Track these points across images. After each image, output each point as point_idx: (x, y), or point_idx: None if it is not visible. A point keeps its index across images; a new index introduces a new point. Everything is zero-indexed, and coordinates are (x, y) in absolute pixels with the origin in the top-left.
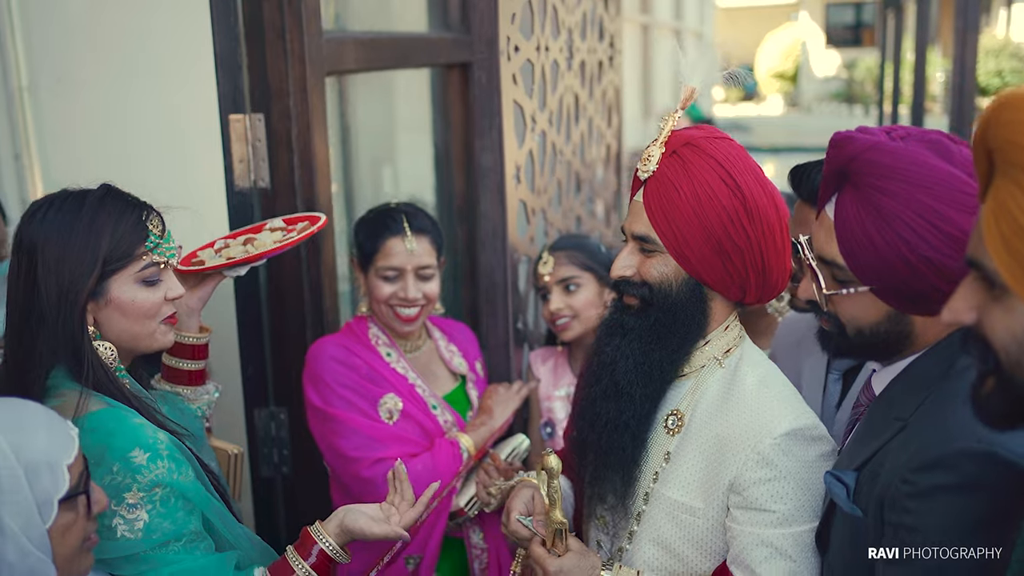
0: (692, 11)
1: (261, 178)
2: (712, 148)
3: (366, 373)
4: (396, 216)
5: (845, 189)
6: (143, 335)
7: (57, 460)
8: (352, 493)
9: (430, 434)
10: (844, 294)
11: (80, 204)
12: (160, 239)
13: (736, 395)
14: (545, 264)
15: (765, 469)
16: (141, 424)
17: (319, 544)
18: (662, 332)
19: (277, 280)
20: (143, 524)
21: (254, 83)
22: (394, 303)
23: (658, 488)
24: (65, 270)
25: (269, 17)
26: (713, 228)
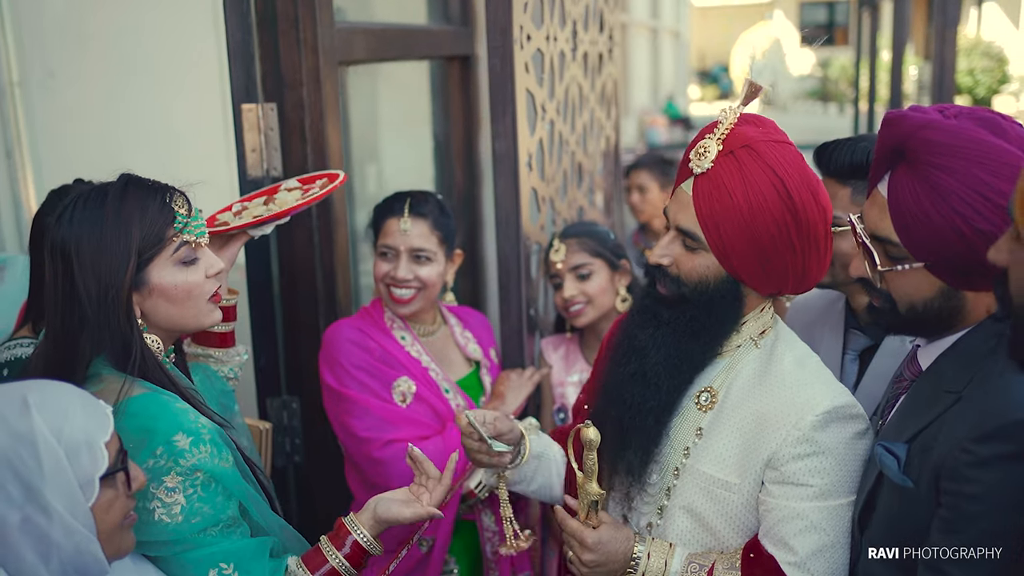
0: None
1: (273, 167)
2: (770, 154)
3: (380, 356)
4: (401, 198)
5: (899, 167)
6: (190, 316)
7: (95, 439)
8: (365, 474)
9: (442, 418)
10: (898, 270)
11: (103, 198)
12: (188, 218)
13: (774, 374)
14: (557, 252)
15: (805, 445)
16: (184, 409)
17: (353, 535)
18: (697, 328)
19: (290, 268)
20: (180, 508)
21: (267, 73)
22: (388, 282)
23: (690, 463)
24: (102, 266)
25: (282, 7)
26: (761, 237)
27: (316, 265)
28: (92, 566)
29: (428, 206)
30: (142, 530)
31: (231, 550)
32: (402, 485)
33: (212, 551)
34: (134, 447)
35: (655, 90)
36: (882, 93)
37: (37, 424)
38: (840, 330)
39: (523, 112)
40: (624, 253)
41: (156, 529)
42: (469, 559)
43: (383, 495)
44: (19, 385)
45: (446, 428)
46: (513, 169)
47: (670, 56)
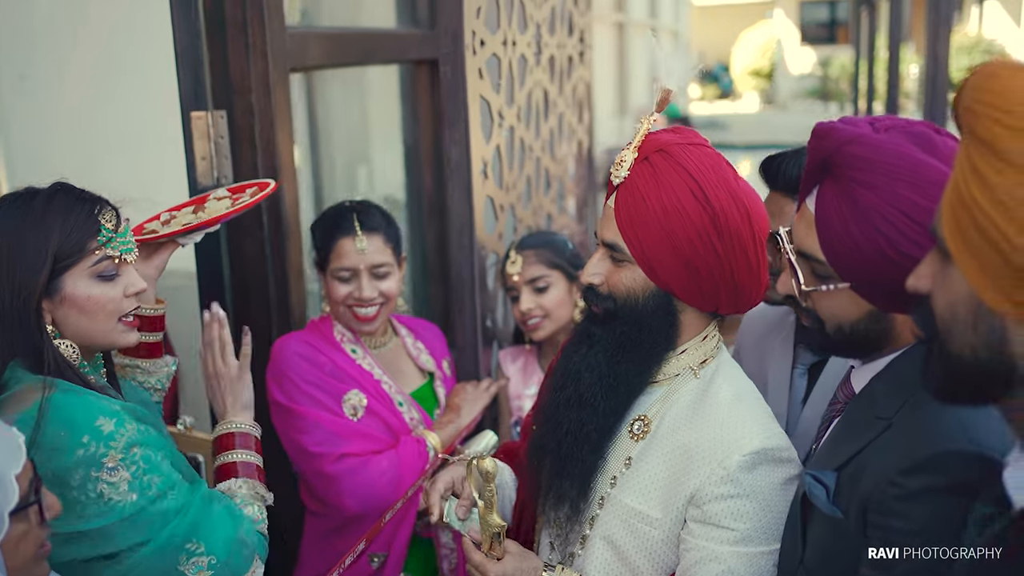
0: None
1: (224, 175)
2: (684, 157)
3: (330, 370)
4: (347, 215)
5: (826, 182)
6: (101, 333)
7: (4, 472)
8: (315, 490)
9: (395, 431)
10: (823, 290)
11: (29, 202)
12: (114, 233)
13: (708, 407)
14: (513, 264)
15: (728, 485)
16: (98, 399)
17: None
18: (628, 345)
19: (242, 278)
20: (128, 484)
21: (216, 79)
22: (351, 303)
23: (615, 493)
24: (16, 269)
25: (230, 12)
26: (680, 243)
27: (268, 275)
28: None
29: (375, 218)
30: (99, 516)
31: (185, 527)
32: (355, 500)
33: (171, 533)
34: (63, 438)
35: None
36: (881, 91)
37: None
38: (790, 344)
39: (476, 119)
40: (583, 263)
41: (113, 511)
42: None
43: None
44: None
45: (400, 442)
46: (466, 178)
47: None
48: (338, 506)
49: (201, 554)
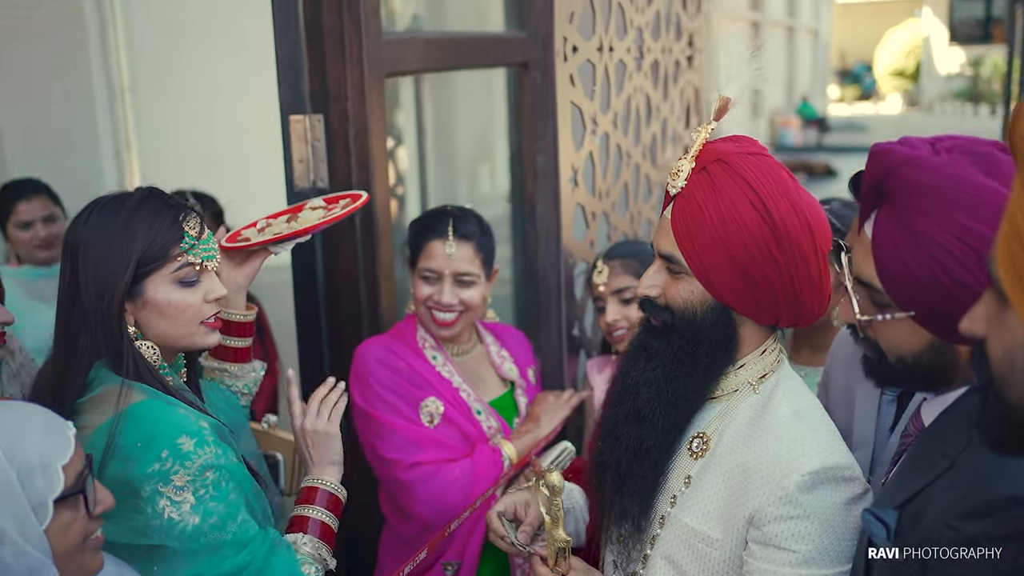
0: (807, 7)
1: (320, 178)
2: (743, 166)
3: (408, 375)
4: (444, 219)
5: (883, 206)
6: (181, 336)
7: (51, 461)
8: (391, 495)
9: (472, 440)
10: (882, 320)
11: (119, 206)
12: (197, 240)
13: (767, 424)
14: (600, 273)
15: (788, 507)
16: (184, 414)
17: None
18: (686, 359)
19: (333, 279)
20: (191, 507)
21: (314, 85)
22: (431, 305)
23: (675, 512)
24: (102, 271)
25: (328, 20)
26: (738, 254)
27: (359, 278)
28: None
29: (471, 227)
30: (159, 534)
31: (249, 570)
32: (427, 508)
33: (229, 569)
34: (140, 450)
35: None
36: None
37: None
38: None
39: (566, 126)
40: None
41: (173, 531)
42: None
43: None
44: None
45: (475, 451)
46: (553, 185)
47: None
48: (411, 513)
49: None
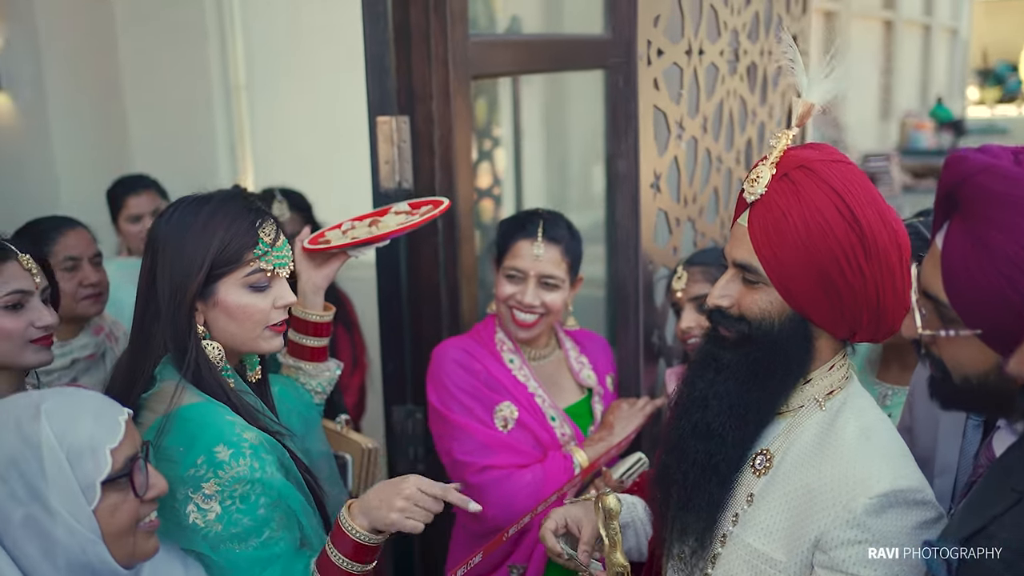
0: (945, 5)
1: (404, 179)
2: (829, 173)
3: (485, 379)
4: (534, 219)
5: (955, 217)
6: (247, 339)
7: (100, 445)
8: None
9: (545, 446)
10: (946, 336)
11: (200, 207)
12: (270, 247)
13: (833, 443)
14: (679, 279)
15: (855, 530)
16: (231, 422)
17: (350, 536)
18: (761, 371)
19: (416, 281)
20: (216, 516)
21: (401, 86)
22: (512, 304)
23: (737, 532)
24: (177, 269)
25: (416, 21)
26: (824, 263)
27: (441, 281)
28: (99, 567)
29: (560, 230)
30: (183, 535)
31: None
32: (496, 512)
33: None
34: (180, 453)
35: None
36: None
37: (44, 430)
38: None
39: (648, 130)
40: None
41: (195, 535)
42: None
43: (373, 494)
44: (41, 393)
45: (547, 457)
46: (633, 190)
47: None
48: (480, 516)
49: None
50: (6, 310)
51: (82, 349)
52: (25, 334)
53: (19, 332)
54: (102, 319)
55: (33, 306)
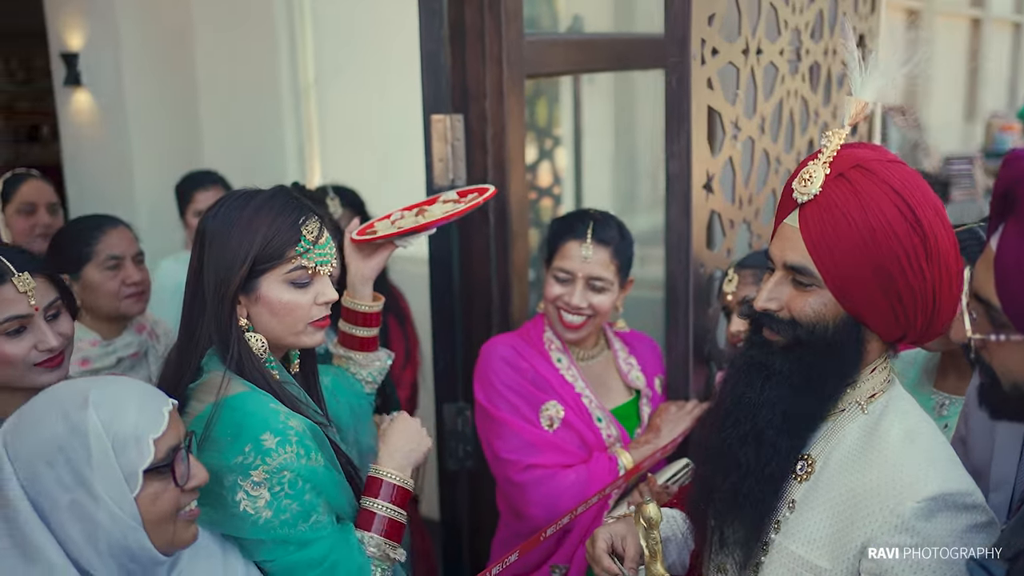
0: None
1: (458, 177)
2: (887, 172)
3: (532, 377)
4: (584, 220)
5: (1009, 219)
6: (288, 333)
7: (144, 434)
8: (505, 494)
9: (590, 446)
10: (996, 340)
11: (246, 203)
12: (313, 245)
13: (877, 447)
14: (730, 282)
15: (904, 535)
16: (276, 410)
17: (392, 482)
18: (814, 376)
19: (468, 277)
20: (265, 503)
21: (456, 84)
22: (560, 306)
23: (780, 539)
24: (221, 263)
25: (471, 20)
26: (885, 264)
27: (492, 277)
28: (139, 552)
29: (611, 232)
30: (233, 524)
31: (321, 570)
32: (539, 510)
33: (298, 561)
34: (228, 442)
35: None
36: None
37: (91, 418)
38: None
39: (701, 131)
40: None
41: (245, 522)
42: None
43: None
44: (89, 381)
45: (592, 458)
46: (685, 192)
47: None
48: (524, 514)
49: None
50: (7, 336)
51: (126, 348)
52: (28, 358)
53: (21, 357)
54: (144, 318)
55: (35, 328)
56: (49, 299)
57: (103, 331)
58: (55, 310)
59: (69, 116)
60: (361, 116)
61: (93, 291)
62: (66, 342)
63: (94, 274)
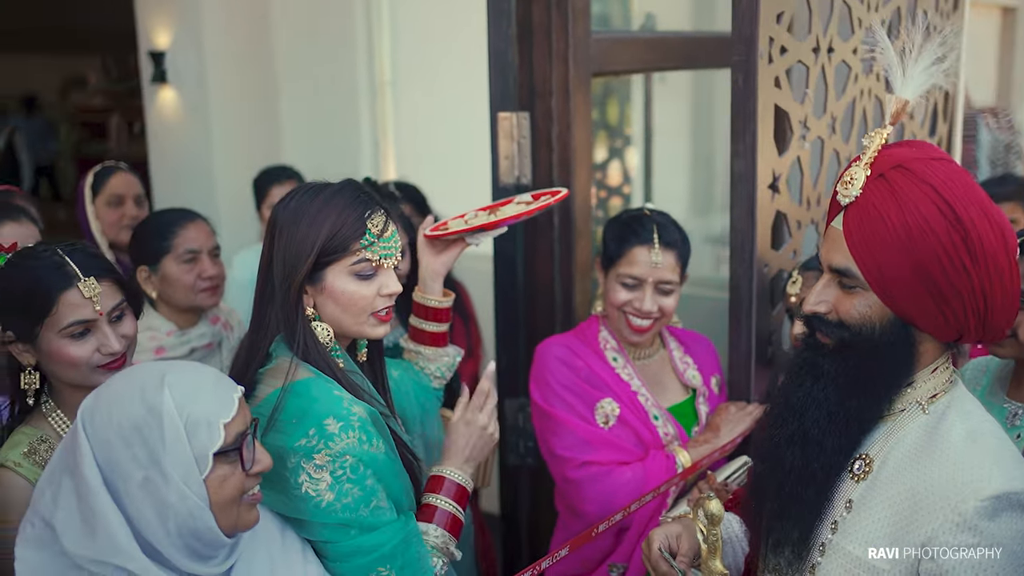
0: None
1: (523, 175)
2: (928, 171)
3: (586, 375)
4: (648, 224)
5: None
6: (351, 324)
7: (215, 418)
8: (561, 492)
9: (647, 445)
10: None
11: (316, 195)
12: (377, 238)
13: (939, 446)
14: (794, 284)
15: (966, 534)
16: (339, 397)
17: (455, 480)
18: (862, 378)
19: (532, 276)
20: (327, 486)
21: (523, 82)
22: (628, 311)
23: (837, 540)
24: (289, 254)
25: (538, 18)
26: (926, 264)
27: (555, 276)
28: (205, 532)
29: (675, 235)
30: (296, 505)
31: (383, 552)
32: (595, 508)
33: (362, 563)
34: (292, 425)
35: None
36: None
37: (166, 400)
38: None
39: (767, 130)
40: None
41: (307, 506)
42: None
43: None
44: (166, 364)
45: (648, 456)
46: (750, 192)
47: None
48: (580, 512)
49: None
50: (72, 338)
51: (200, 338)
52: (92, 360)
53: (85, 360)
54: (219, 309)
55: (99, 332)
56: (114, 302)
57: (179, 321)
58: (119, 312)
59: (155, 112)
60: (435, 115)
61: (170, 284)
62: (129, 343)
63: (171, 267)
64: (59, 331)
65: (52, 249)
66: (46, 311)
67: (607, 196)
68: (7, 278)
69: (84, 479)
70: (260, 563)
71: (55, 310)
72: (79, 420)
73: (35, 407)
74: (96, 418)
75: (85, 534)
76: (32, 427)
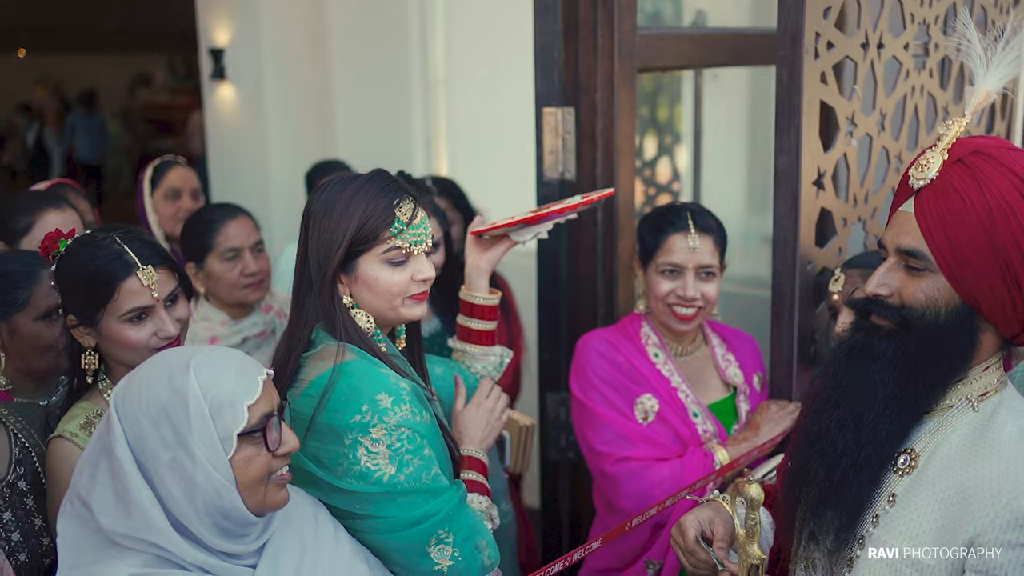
0: None
1: (568, 170)
2: (1007, 158)
3: (627, 370)
4: (682, 213)
5: None
6: (388, 309)
7: (239, 400)
8: (598, 486)
9: (685, 441)
10: None
11: (346, 186)
12: (406, 226)
13: (990, 443)
14: (836, 281)
15: (1017, 532)
16: (387, 373)
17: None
18: (922, 362)
19: (574, 271)
20: (388, 458)
21: (568, 78)
22: (672, 301)
23: (878, 533)
24: (322, 244)
25: (584, 14)
26: (1005, 248)
27: (598, 271)
28: (232, 511)
29: (710, 220)
30: (357, 479)
31: (442, 515)
32: (631, 503)
33: (425, 513)
34: (344, 403)
35: None
36: None
37: (192, 383)
38: None
39: (813, 126)
40: None
41: (370, 478)
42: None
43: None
44: (194, 348)
45: (686, 452)
46: (794, 188)
47: None
48: (616, 507)
49: (449, 543)
50: (131, 323)
51: (252, 327)
52: (149, 343)
53: (143, 342)
54: (272, 298)
55: (156, 317)
56: (169, 288)
57: (231, 312)
58: (174, 296)
59: (214, 108)
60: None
61: (215, 280)
62: (183, 326)
63: (215, 264)
64: (119, 317)
65: (111, 237)
66: (107, 298)
67: (656, 193)
68: (70, 264)
69: (117, 459)
70: (291, 543)
71: (116, 297)
72: (112, 403)
73: (92, 384)
74: (127, 401)
75: (120, 512)
76: (90, 402)
